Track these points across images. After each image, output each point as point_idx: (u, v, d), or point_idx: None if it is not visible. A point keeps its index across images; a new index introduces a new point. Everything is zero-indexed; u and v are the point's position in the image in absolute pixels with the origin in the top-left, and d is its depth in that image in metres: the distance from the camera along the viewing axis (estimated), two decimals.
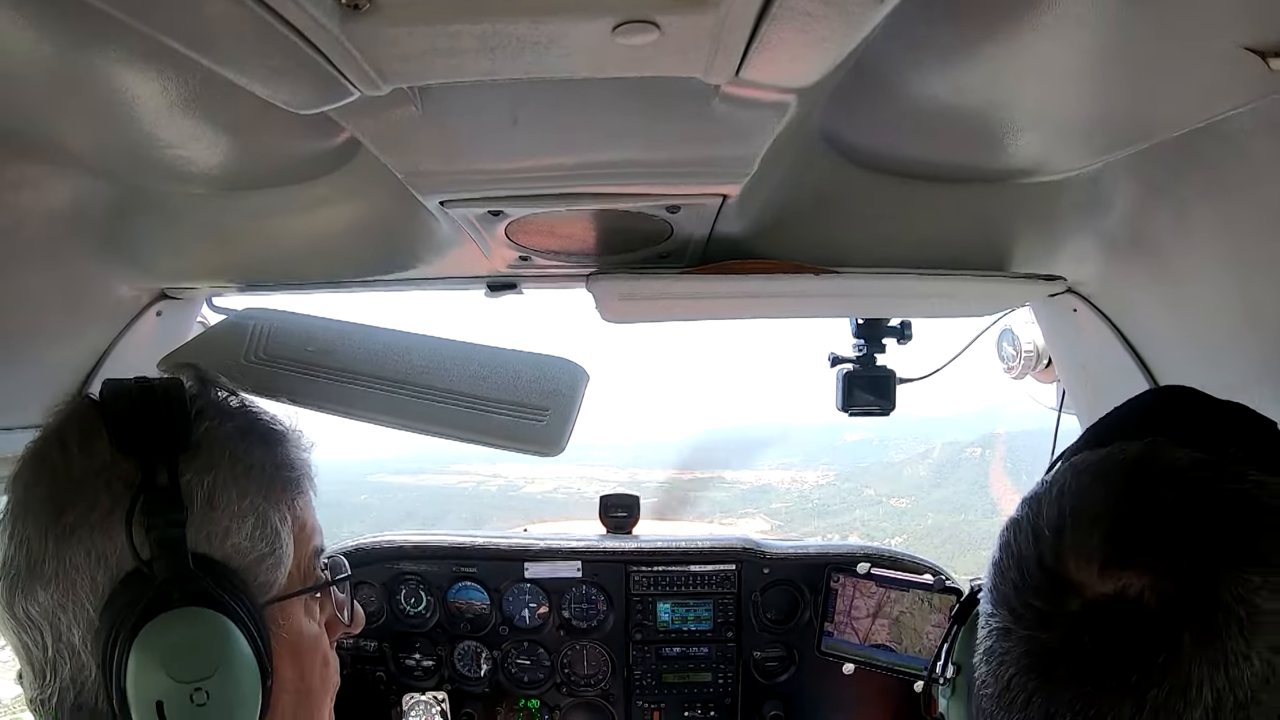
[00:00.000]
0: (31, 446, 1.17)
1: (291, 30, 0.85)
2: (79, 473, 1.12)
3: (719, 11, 0.85)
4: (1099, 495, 0.96)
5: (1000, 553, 1.01)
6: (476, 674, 3.19)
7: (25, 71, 1.13)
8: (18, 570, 1.09)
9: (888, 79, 1.25)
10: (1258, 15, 0.98)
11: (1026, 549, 0.97)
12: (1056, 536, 0.95)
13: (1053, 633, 0.92)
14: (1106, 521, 0.93)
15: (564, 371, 1.98)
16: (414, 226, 1.82)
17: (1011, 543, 1.00)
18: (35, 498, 1.11)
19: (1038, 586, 0.94)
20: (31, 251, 1.71)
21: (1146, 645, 0.87)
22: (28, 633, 1.10)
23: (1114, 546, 0.91)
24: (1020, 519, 1.01)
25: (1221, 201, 1.56)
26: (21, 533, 1.10)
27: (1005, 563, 0.99)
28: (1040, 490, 1.02)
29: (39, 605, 1.09)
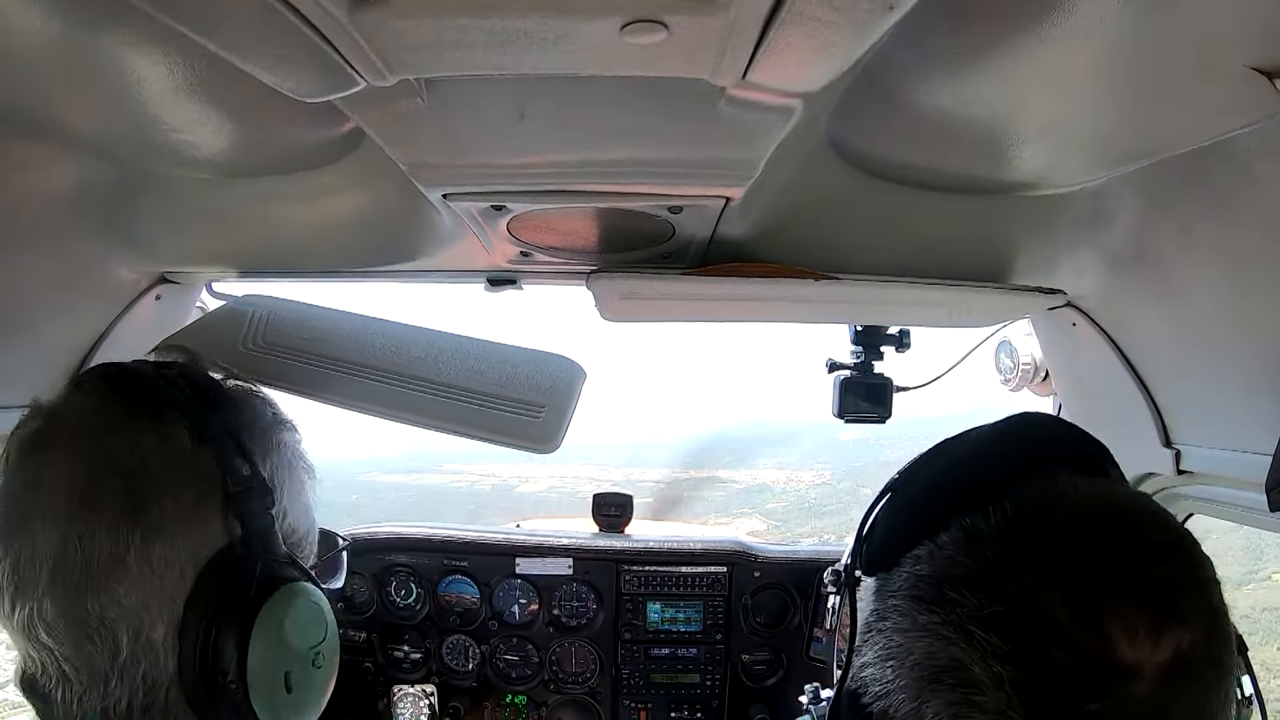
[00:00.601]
0: (64, 437, 1.11)
1: (300, 18, 0.85)
2: (156, 467, 1.10)
3: (728, 14, 0.85)
4: (1105, 556, 0.84)
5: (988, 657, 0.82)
6: (465, 668, 3.18)
7: (32, 51, 1.13)
8: (82, 570, 1.04)
9: (894, 87, 1.25)
10: (1266, 36, 0.98)
11: (1047, 642, 0.80)
12: (1086, 618, 0.80)
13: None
14: (1137, 584, 0.82)
15: (561, 369, 1.98)
16: (416, 218, 1.82)
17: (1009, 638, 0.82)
18: (97, 493, 1.07)
19: (1083, 678, 0.79)
20: (32, 232, 1.71)
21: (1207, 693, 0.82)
22: (96, 637, 1.06)
23: (1160, 609, 0.80)
24: (1002, 612, 0.83)
25: (1224, 221, 1.56)
26: (80, 530, 1.05)
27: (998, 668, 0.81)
28: (995, 558, 0.87)
29: (119, 606, 1.06)
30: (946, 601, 0.86)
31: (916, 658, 0.88)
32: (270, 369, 1.94)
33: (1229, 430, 1.87)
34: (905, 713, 0.88)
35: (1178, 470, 2.04)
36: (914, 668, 0.88)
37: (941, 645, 0.85)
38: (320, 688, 1.25)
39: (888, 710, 0.91)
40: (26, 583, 1.04)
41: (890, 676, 0.91)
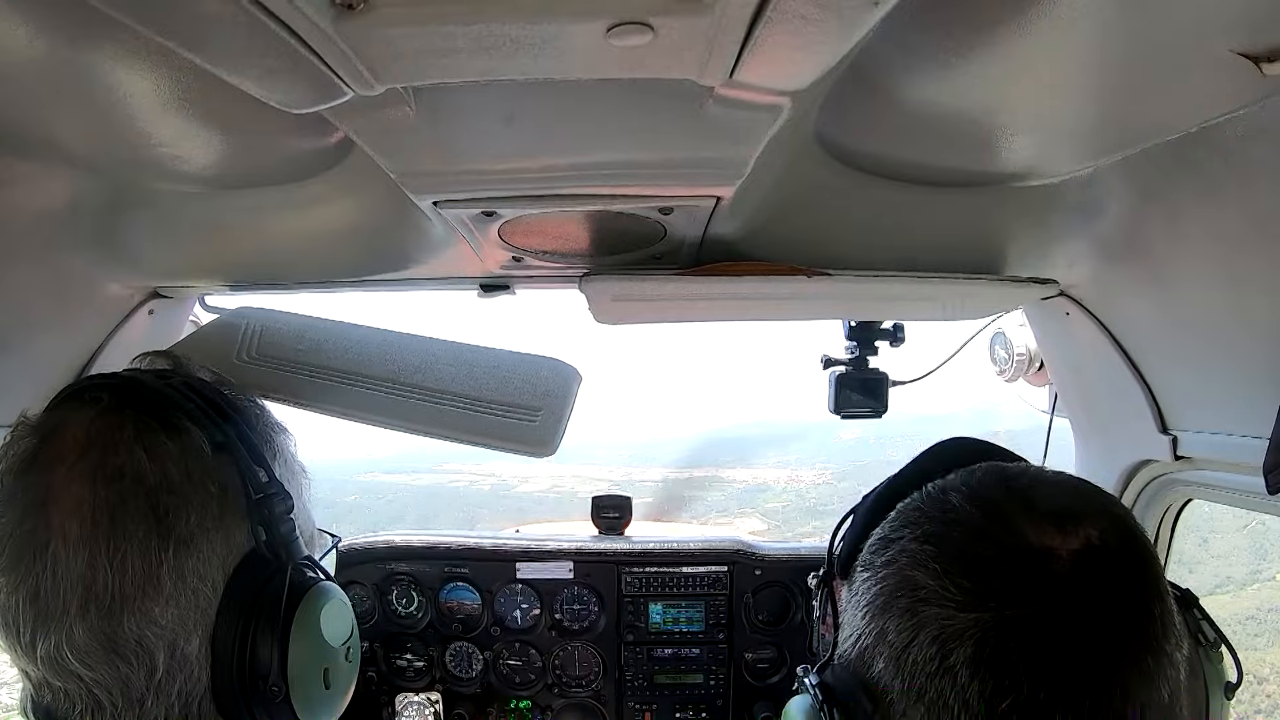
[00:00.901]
0: (71, 453, 1.07)
1: (285, 30, 0.85)
2: (179, 479, 1.10)
3: (713, 13, 0.85)
4: (1010, 490, 1.00)
5: (930, 562, 0.97)
6: (468, 675, 3.18)
7: (18, 68, 1.13)
8: (115, 593, 1.03)
9: (882, 82, 1.26)
10: (1251, 21, 0.98)
11: (973, 542, 0.96)
12: (1001, 524, 0.96)
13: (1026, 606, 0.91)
14: (1039, 505, 0.96)
15: (556, 372, 1.98)
16: (407, 227, 1.82)
17: (942, 545, 0.98)
18: (122, 510, 1.05)
19: (1007, 562, 0.93)
20: (23, 249, 1.71)
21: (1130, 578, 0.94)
22: (132, 658, 1.05)
23: (1066, 513, 0.94)
24: (936, 531, 0.99)
25: (1214, 205, 1.57)
26: (109, 552, 1.03)
27: (939, 567, 0.95)
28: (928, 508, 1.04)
29: (157, 625, 1.06)
30: (892, 544, 1.02)
31: (876, 595, 1.01)
32: (265, 381, 1.93)
33: (1225, 414, 1.87)
34: (870, 641, 1.00)
35: (1175, 456, 2.05)
36: (875, 604, 1.01)
37: (893, 575, 0.99)
38: (351, 681, 1.28)
39: (863, 652, 1.02)
40: (51, 611, 1.02)
41: (860, 622, 1.03)
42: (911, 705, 0.95)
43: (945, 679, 0.91)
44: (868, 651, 1.01)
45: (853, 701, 1.02)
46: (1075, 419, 2.53)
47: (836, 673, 1.08)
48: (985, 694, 0.89)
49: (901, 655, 0.96)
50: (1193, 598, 1.13)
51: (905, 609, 0.96)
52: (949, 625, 0.92)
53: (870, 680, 1.00)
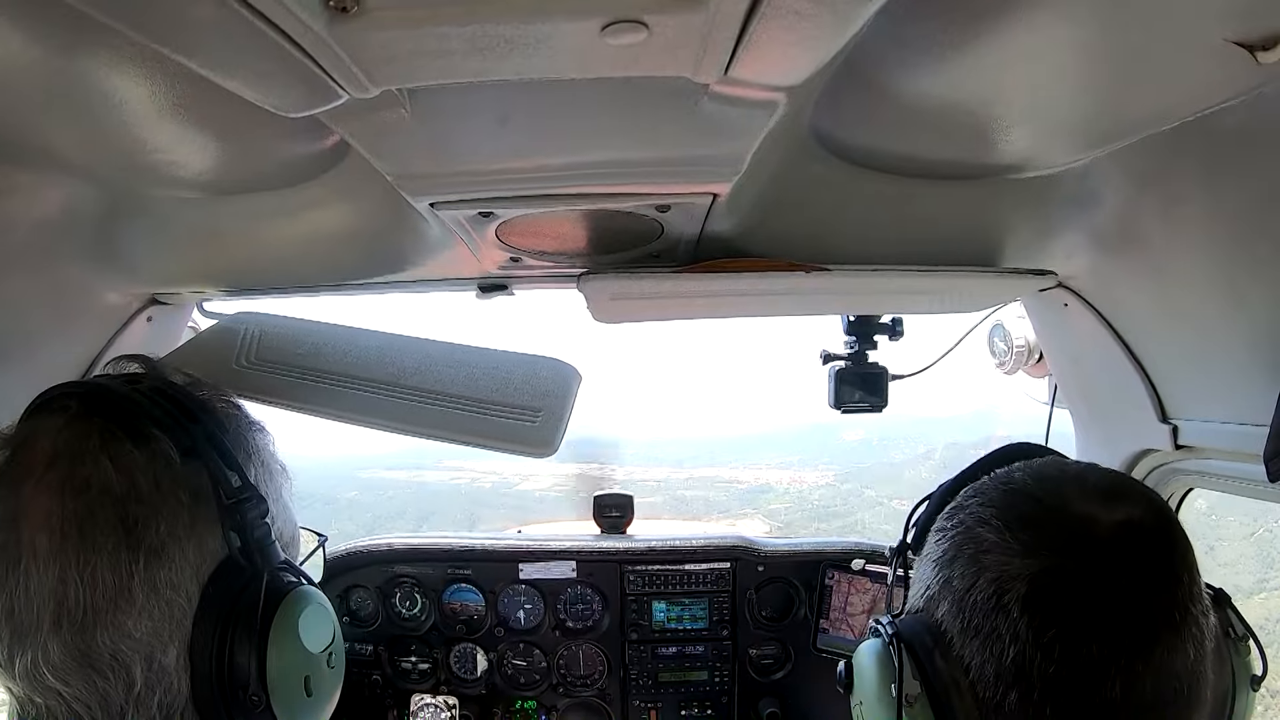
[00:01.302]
0: (39, 466, 1.04)
1: (279, 33, 0.85)
2: (147, 488, 1.06)
3: (707, 10, 0.85)
4: (1067, 474, 1.15)
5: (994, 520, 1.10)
6: (473, 676, 3.18)
7: (13, 77, 1.13)
8: (87, 608, 1.00)
9: (877, 76, 1.26)
10: (1245, 9, 0.98)
11: (1030, 505, 1.09)
12: (1054, 494, 1.09)
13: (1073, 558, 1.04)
14: (1090, 484, 1.10)
15: (556, 372, 1.98)
16: (404, 229, 1.82)
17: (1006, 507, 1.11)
18: (90, 523, 1.02)
19: (1057, 523, 1.06)
20: (21, 257, 1.71)
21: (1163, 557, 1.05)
22: (109, 672, 1.02)
23: (1107, 495, 1.07)
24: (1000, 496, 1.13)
25: (1210, 195, 1.57)
26: (79, 566, 1.00)
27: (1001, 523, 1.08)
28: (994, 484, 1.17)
29: (131, 639, 1.03)
30: (962, 510, 1.15)
31: (944, 550, 1.14)
32: (265, 385, 1.93)
33: (1225, 403, 1.87)
34: (939, 590, 1.12)
35: (1175, 445, 2.05)
36: (943, 558, 1.14)
37: (961, 532, 1.12)
38: (335, 687, 1.27)
39: (931, 599, 1.14)
40: (25, 627, 0.99)
41: (929, 574, 1.16)
42: (969, 640, 1.07)
43: (1000, 615, 1.03)
44: (933, 599, 1.13)
45: (917, 640, 1.13)
46: (1075, 410, 2.53)
47: (905, 620, 1.19)
48: (1034, 626, 1.01)
49: (964, 598, 1.08)
50: (1225, 596, 1.20)
51: (969, 558, 1.09)
52: (1006, 570, 1.04)
53: (934, 623, 1.12)
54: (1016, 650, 1.02)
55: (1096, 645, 0.99)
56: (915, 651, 1.12)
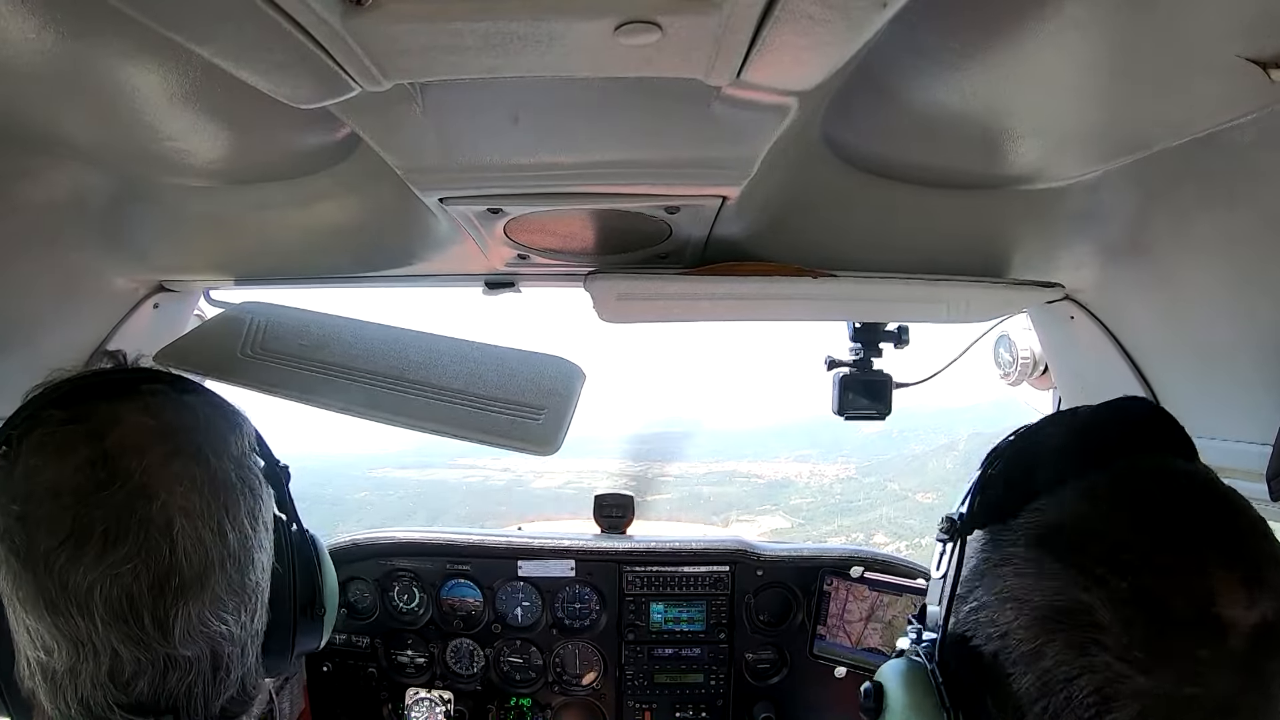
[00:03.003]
0: (178, 436, 1.17)
1: (294, 25, 0.85)
2: (246, 454, 1.26)
3: (721, 13, 0.85)
4: (1212, 527, 0.95)
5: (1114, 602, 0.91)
6: (469, 672, 3.19)
7: (26, 63, 1.13)
8: (239, 552, 1.18)
9: (889, 84, 1.25)
10: (1259, 26, 0.98)
11: (1170, 594, 0.89)
12: (1195, 571, 0.90)
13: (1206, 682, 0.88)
14: (1237, 555, 0.92)
15: (561, 370, 1.98)
16: (412, 223, 1.82)
17: (1136, 588, 0.90)
18: (226, 485, 1.19)
19: (1194, 630, 0.88)
20: (29, 242, 1.71)
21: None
22: (254, 603, 1.22)
23: (1255, 580, 0.90)
24: (1131, 561, 0.92)
25: (1220, 212, 1.57)
26: (230, 518, 1.17)
27: (1125, 613, 0.90)
28: (1120, 515, 0.97)
29: (262, 571, 1.25)
30: (1076, 549, 0.94)
31: (1040, 600, 0.95)
32: (269, 376, 1.94)
33: (1229, 421, 1.87)
34: (1023, 652, 0.96)
35: None
36: (1036, 609, 0.95)
37: (1069, 588, 0.93)
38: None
39: (1002, 651, 0.99)
40: (189, 582, 1.10)
41: (1009, 618, 0.98)
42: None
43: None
44: (1009, 655, 0.98)
45: (982, 702, 1.01)
46: None
47: (959, 659, 1.06)
48: None
49: (1055, 684, 0.93)
50: None
51: (1074, 639, 0.92)
52: (1118, 683, 0.89)
53: (1007, 685, 0.98)
54: None
55: None
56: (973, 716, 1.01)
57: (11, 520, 1.07)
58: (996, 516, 1.08)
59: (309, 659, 3.16)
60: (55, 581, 1.04)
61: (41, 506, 1.06)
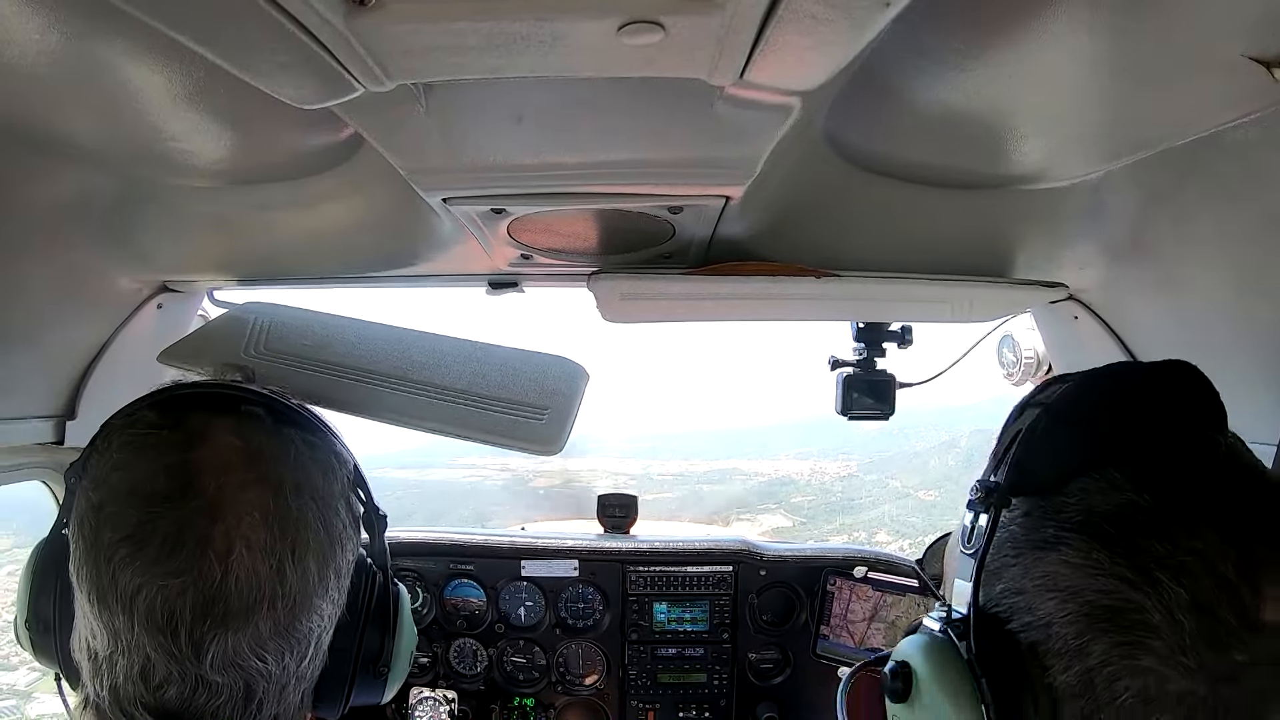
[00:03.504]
0: (249, 462, 1.14)
1: (297, 26, 0.85)
2: (333, 493, 1.22)
3: (724, 13, 0.85)
4: (1262, 522, 0.91)
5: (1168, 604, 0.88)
6: (472, 671, 3.19)
7: (30, 63, 1.13)
8: (297, 594, 1.13)
9: (892, 83, 1.25)
10: (1263, 26, 0.98)
11: (1219, 600, 0.87)
12: (1245, 576, 0.87)
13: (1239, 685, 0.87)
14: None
15: (564, 370, 1.98)
16: (416, 223, 1.82)
17: (1193, 591, 0.87)
18: (299, 522, 1.14)
19: (1237, 634, 0.86)
20: (33, 242, 1.71)
21: None
22: (302, 649, 1.16)
23: None
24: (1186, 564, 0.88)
25: (1224, 211, 1.56)
26: (295, 558, 1.12)
27: (1179, 617, 0.87)
28: (1175, 509, 0.92)
29: (321, 618, 1.19)
30: (1130, 545, 0.90)
31: (1088, 596, 0.91)
32: (272, 375, 1.93)
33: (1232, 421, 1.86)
34: (1068, 647, 0.92)
35: None
36: (1085, 604, 0.92)
37: (1121, 586, 0.89)
38: None
39: (1043, 642, 0.95)
40: (234, 612, 1.07)
41: (1052, 609, 0.94)
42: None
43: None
44: (1051, 647, 0.95)
45: (1021, 692, 0.96)
46: None
47: (994, 642, 1.00)
48: None
49: (1100, 681, 0.91)
50: None
51: (1123, 639, 0.89)
52: (1164, 685, 0.87)
53: (1047, 678, 0.95)
54: None
55: None
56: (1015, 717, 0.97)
57: (89, 508, 1.09)
58: (1038, 489, 1.01)
59: None
60: (108, 575, 1.05)
61: (114, 503, 1.07)
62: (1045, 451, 1.02)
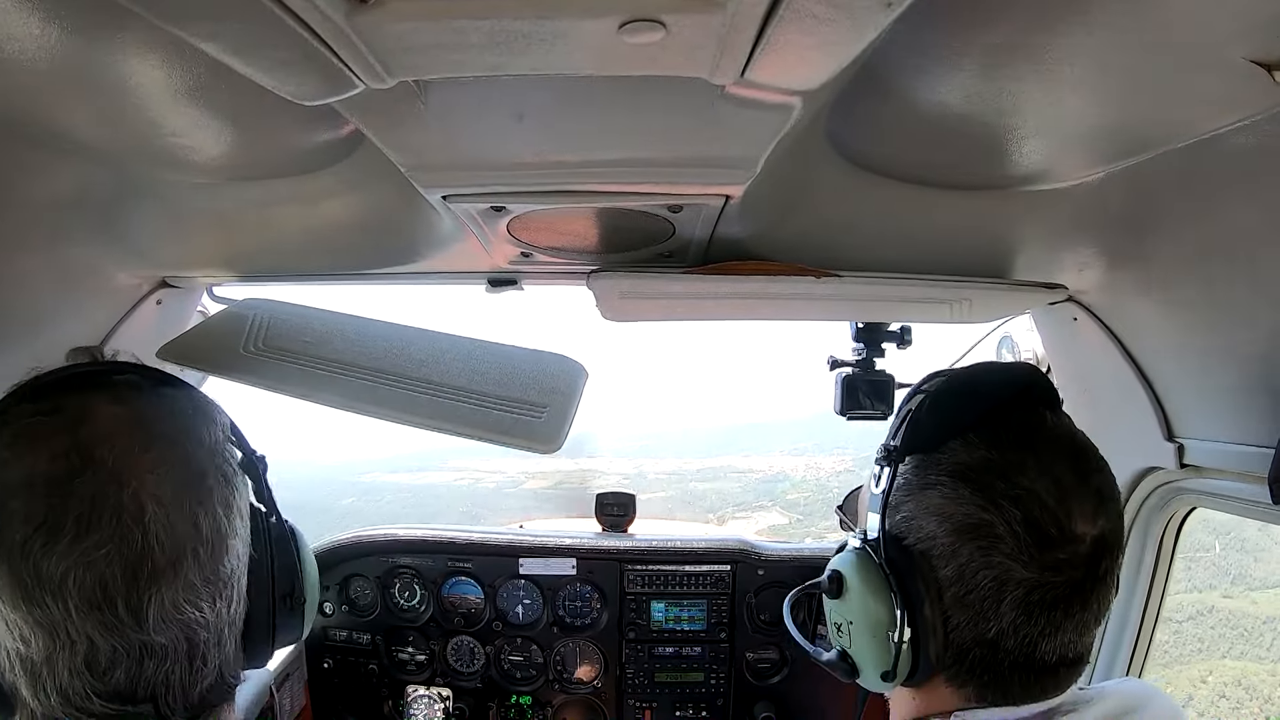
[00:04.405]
0: (152, 425, 1.19)
1: (298, 22, 0.85)
2: (222, 443, 1.28)
3: (725, 12, 0.85)
4: (1071, 470, 1.31)
5: (1010, 521, 1.27)
6: (470, 669, 3.19)
7: (30, 58, 1.13)
8: (213, 539, 1.19)
9: (893, 84, 1.25)
10: (1264, 28, 0.98)
11: (1044, 516, 1.27)
12: (1060, 501, 1.28)
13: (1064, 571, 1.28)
14: (1089, 489, 1.30)
15: (563, 368, 1.98)
16: (416, 220, 1.82)
17: (1025, 512, 1.27)
18: (198, 473, 1.20)
19: (1059, 540, 1.27)
20: (32, 237, 1.71)
21: (1114, 560, 1.33)
22: (230, 592, 1.23)
23: (1096, 506, 1.30)
24: (1021, 495, 1.28)
25: (1224, 214, 1.56)
26: (202, 505, 1.18)
27: (1017, 529, 1.27)
28: (1013, 459, 1.31)
29: (237, 559, 1.26)
30: (981, 484, 1.31)
31: (958, 518, 1.32)
32: (271, 372, 1.94)
33: (1232, 423, 1.87)
34: (946, 551, 1.33)
35: (1180, 464, 2.04)
36: (954, 523, 1.32)
37: (977, 511, 1.30)
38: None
39: (929, 550, 1.35)
40: (160, 568, 1.11)
41: (934, 528, 1.35)
42: (961, 607, 1.33)
43: (991, 603, 1.29)
44: (936, 554, 1.35)
45: (916, 584, 1.36)
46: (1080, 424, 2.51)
47: (897, 554, 1.40)
48: (1016, 621, 1.29)
49: (969, 574, 1.31)
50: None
51: (982, 546, 1.29)
52: (1009, 574, 1.27)
53: (935, 574, 1.35)
54: (997, 630, 1.30)
55: (1052, 635, 1.30)
56: (913, 601, 1.36)
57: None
58: (925, 448, 1.40)
59: (309, 655, 3.17)
60: (30, 570, 1.04)
61: (15, 498, 1.06)
62: (927, 423, 1.42)
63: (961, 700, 1.39)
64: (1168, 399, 2.07)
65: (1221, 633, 18.68)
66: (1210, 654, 18.31)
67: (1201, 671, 17.70)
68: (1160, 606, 2.46)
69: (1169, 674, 17.55)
